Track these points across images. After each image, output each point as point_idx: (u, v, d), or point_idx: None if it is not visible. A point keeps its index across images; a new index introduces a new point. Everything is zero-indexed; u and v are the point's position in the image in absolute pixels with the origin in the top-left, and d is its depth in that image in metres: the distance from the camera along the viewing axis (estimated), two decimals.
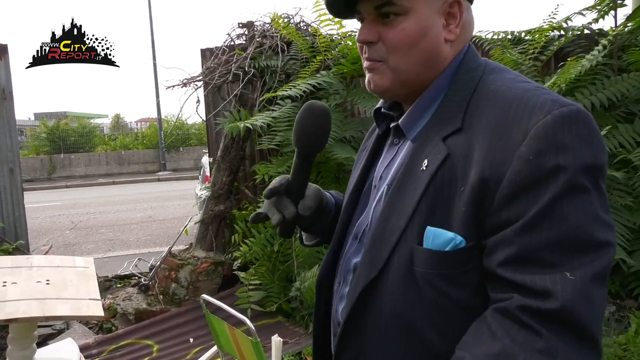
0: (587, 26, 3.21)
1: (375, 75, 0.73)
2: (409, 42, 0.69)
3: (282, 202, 0.81)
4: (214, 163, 3.30)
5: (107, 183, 13.98)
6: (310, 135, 0.79)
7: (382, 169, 0.78)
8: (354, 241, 0.78)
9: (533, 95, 0.63)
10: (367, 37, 0.72)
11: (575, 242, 0.56)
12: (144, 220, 7.56)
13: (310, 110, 0.79)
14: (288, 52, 3.26)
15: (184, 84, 3.21)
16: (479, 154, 0.61)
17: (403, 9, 0.69)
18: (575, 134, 0.58)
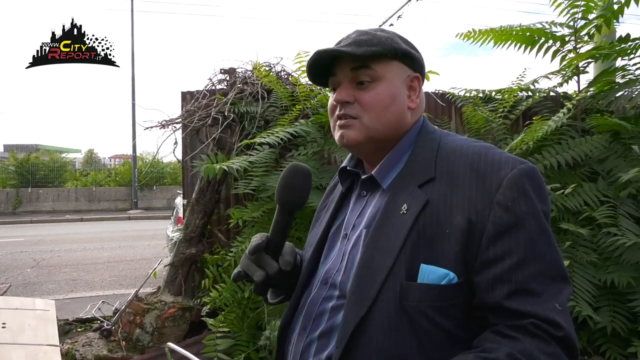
0: (553, 89, 3.41)
1: (349, 130, 0.83)
2: (382, 104, 0.81)
3: (262, 259, 0.84)
4: (188, 205, 3.27)
5: (75, 220, 13.57)
6: (293, 193, 0.85)
7: (353, 219, 0.85)
8: (323, 286, 0.83)
9: (492, 152, 0.77)
10: (344, 97, 0.82)
11: (552, 273, 0.70)
12: (110, 260, 7.31)
13: (295, 170, 0.86)
14: (268, 99, 3.33)
15: (162, 126, 3.22)
16: (460, 201, 0.72)
17: (377, 76, 0.81)
18: (534, 185, 0.73)
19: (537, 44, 3.28)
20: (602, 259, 2.51)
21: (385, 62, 0.82)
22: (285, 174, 0.86)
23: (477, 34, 3.33)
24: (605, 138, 2.84)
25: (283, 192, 0.85)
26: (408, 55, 0.84)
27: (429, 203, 0.74)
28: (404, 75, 0.84)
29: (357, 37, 0.83)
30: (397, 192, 0.79)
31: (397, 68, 0.83)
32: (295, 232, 2.87)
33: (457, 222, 0.71)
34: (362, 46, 0.80)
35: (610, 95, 3.02)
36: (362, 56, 0.80)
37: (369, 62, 0.81)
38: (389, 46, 0.81)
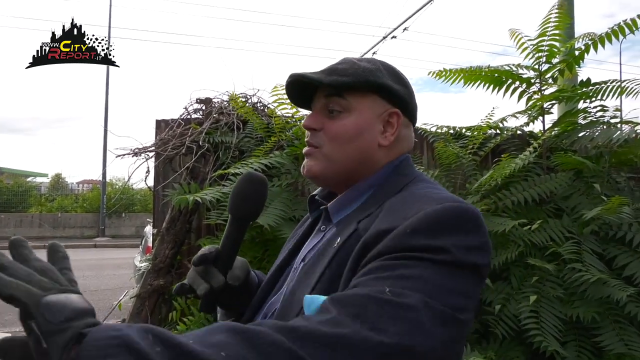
0: (520, 128, 3.54)
1: (310, 160, 0.80)
2: (346, 136, 0.78)
3: (209, 272, 0.79)
4: (158, 234, 3.20)
5: (38, 247, 12.76)
6: (246, 201, 0.81)
7: (305, 252, 0.81)
8: (262, 319, 0.78)
9: (438, 193, 0.70)
10: (311, 123, 0.80)
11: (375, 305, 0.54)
12: None
13: (249, 179, 0.83)
14: (243, 130, 3.35)
15: (135, 154, 3.19)
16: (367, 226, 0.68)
17: (348, 106, 0.78)
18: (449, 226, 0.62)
19: (504, 84, 3.42)
20: (567, 294, 2.57)
21: (361, 94, 0.78)
22: (238, 182, 0.83)
23: (448, 74, 3.45)
24: (569, 176, 2.95)
25: (234, 202, 0.81)
26: (386, 89, 0.79)
27: (354, 232, 0.70)
28: (380, 109, 0.79)
29: (334, 65, 0.81)
30: (342, 228, 0.75)
31: (372, 102, 0.79)
32: (267, 265, 2.84)
33: (355, 250, 0.66)
34: (332, 75, 0.78)
35: (573, 135, 3.16)
36: (329, 85, 0.78)
37: (342, 91, 0.78)
38: (363, 78, 0.78)
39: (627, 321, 2.48)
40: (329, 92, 0.79)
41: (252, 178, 0.83)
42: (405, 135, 0.83)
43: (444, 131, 3.62)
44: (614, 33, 2.86)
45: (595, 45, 2.96)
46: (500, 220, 2.64)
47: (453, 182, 3.32)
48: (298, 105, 0.88)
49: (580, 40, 3.09)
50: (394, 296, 0.54)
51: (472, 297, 0.61)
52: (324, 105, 0.80)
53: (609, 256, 2.64)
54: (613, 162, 3.11)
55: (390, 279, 0.56)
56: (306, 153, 0.81)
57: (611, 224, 2.72)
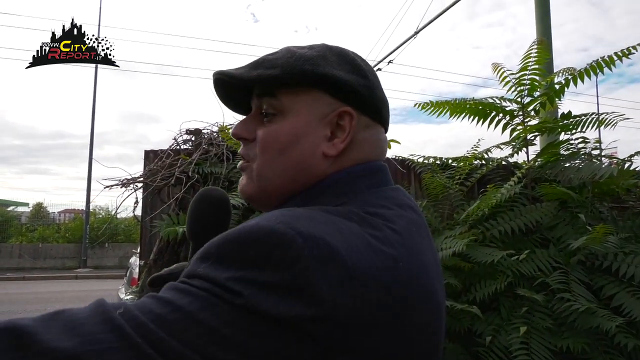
0: (505, 159, 3.62)
1: (244, 178, 0.66)
2: (277, 147, 0.61)
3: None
4: (145, 266, 3.16)
5: (17, 278, 12.70)
6: (201, 222, 0.71)
7: None
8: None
9: (282, 213, 0.51)
10: (239, 131, 0.64)
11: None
12: None
13: (203, 197, 0.72)
14: (233, 161, 3.36)
15: (123, 184, 3.17)
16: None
17: (281, 108, 0.61)
18: (232, 248, 0.47)
19: (488, 117, 3.52)
20: (557, 324, 2.57)
21: (297, 90, 0.61)
22: (195, 202, 0.73)
23: (434, 106, 3.54)
24: (554, 206, 3.01)
25: (190, 222, 0.72)
26: (332, 82, 0.61)
27: None
28: (324, 109, 0.61)
29: (265, 56, 0.64)
30: None
31: (313, 99, 0.61)
32: None
33: None
34: (257, 68, 0.61)
35: (557, 167, 3.24)
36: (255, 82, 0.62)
37: (274, 89, 0.61)
38: (297, 69, 0.60)
39: (617, 352, 2.49)
40: (260, 91, 0.63)
41: (207, 195, 0.73)
42: (365, 139, 0.64)
43: (430, 162, 3.69)
44: (592, 69, 2.98)
45: (575, 80, 3.07)
46: (488, 250, 2.67)
47: (441, 212, 3.36)
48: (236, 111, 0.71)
49: (561, 74, 3.21)
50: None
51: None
52: (257, 108, 0.64)
53: (596, 286, 2.68)
54: (595, 192, 3.19)
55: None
56: (240, 168, 0.66)
57: (597, 253, 2.76)
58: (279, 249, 0.46)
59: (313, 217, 0.51)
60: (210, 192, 0.73)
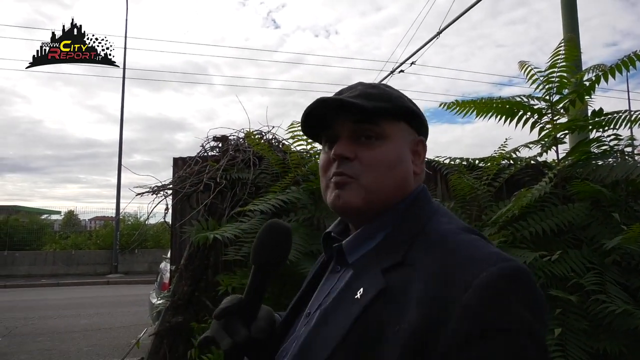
0: (533, 158, 3.55)
1: (346, 192, 0.73)
2: (388, 164, 0.72)
3: (232, 324, 0.75)
4: (176, 271, 3.22)
5: (51, 284, 13.10)
6: (268, 252, 0.78)
7: (321, 297, 0.75)
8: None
9: (473, 245, 0.63)
10: (345, 152, 0.73)
11: None
12: (87, 328, 7.01)
13: (271, 228, 0.80)
14: (259, 166, 3.40)
15: (154, 191, 3.24)
16: (420, 296, 0.59)
17: (383, 133, 0.73)
18: (516, 290, 0.57)
19: (516, 115, 3.46)
20: (592, 326, 2.51)
21: (393, 120, 0.75)
22: (262, 232, 0.80)
23: (460, 105, 3.50)
24: (586, 205, 2.94)
25: (258, 251, 0.78)
26: (416, 117, 0.77)
27: (386, 291, 0.63)
28: (409, 137, 0.77)
29: (364, 90, 0.75)
30: (360, 272, 0.69)
31: (403, 129, 0.76)
32: (284, 300, 2.83)
33: (411, 320, 0.58)
34: (371, 100, 0.73)
35: (589, 165, 3.17)
36: (370, 110, 0.72)
37: (376, 117, 0.73)
38: (399, 104, 0.75)
39: None
40: (359, 118, 0.74)
41: (274, 227, 0.80)
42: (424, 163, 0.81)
43: (457, 163, 3.65)
44: (624, 64, 2.91)
45: (605, 77, 3.00)
46: (520, 252, 2.62)
47: (469, 214, 3.32)
48: (307, 133, 0.83)
49: (591, 71, 3.14)
50: None
51: None
52: (353, 133, 0.74)
53: (633, 287, 2.60)
54: (630, 190, 3.10)
55: None
56: (340, 183, 0.73)
57: (633, 253, 2.69)
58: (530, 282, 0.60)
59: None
60: (279, 224, 0.81)
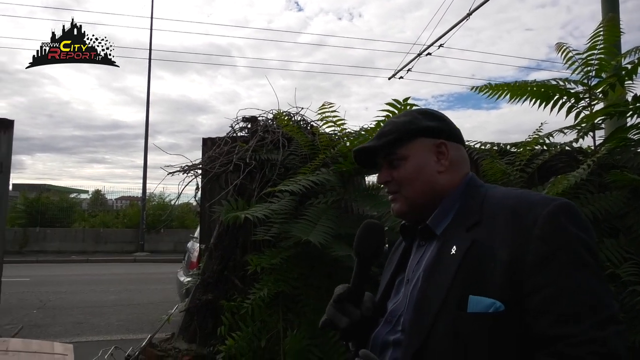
0: (568, 144, 3.45)
1: (395, 204, 1.01)
2: (410, 177, 0.98)
3: (345, 307, 0.94)
4: (206, 250, 3.27)
5: (81, 260, 13.52)
6: (368, 246, 0.97)
7: (413, 265, 0.96)
8: (386, 324, 0.94)
9: (530, 194, 0.89)
10: (381, 179, 1.03)
11: (591, 303, 0.75)
12: (117, 303, 7.23)
13: (369, 227, 0.99)
14: (288, 148, 3.40)
15: (184, 171, 3.28)
16: (502, 239, 0.81)
17: (402, 156, 0.99)
18: (570, 218, 0.81)
19: (551, 99, 3.35)
20: (629, 317, 2.45)
21: (407, 142, 0.98)
22: (361, 229, 0.99)
23: (492, 88, 3.42)
24: (624, 194, 2.85)
25: (359, 246, 0.97)
26: (426, 130, 0.99)
27: (475, 243, 0.84)
28: (428, 145, 0.98)
29: (381, 130, 1.04)
30: (448, 237, 0.89)
31: (419, 144, 0.98)
32: (313, 281, 2.85)
33: (501, 256, 0.79)
34: (381, 138, 1.01)
35: (627, 152, 3.06)
36: (382, 147, 1.00)
37: (394, 147, 0.99)
38: (405, 130, 0.99)
39: None
40: (386, 151, 1.01)
41: (371, 226, 0.99)
42: (458, 156, 1.01)
43: (487, 148, 3.58)
44: None
45: None
46: None
47: None
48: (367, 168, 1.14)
49: (633, 53, 3.01)
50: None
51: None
52: (386, 161, 1.02)
53: None
54: None
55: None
56: (391, 200, 1.02)
57: None
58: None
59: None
60: (374, 223, 1.00)
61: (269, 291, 2.67)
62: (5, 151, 4.02)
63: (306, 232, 2.49)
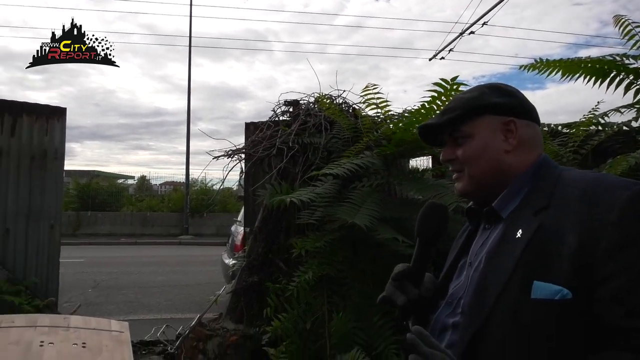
0: (626, 123, 3.27)
1: (459, 182, 0.97)
2: (475, 156, 0.93)
3: (404, 285, 0.93)
4: (250, 233, 3.33)
5: (130, 243, 14.09)
6: (430, 227, 0.94)
7: (476, 248, 0.93)
8: (446, 307, 0.92)
9: (607, 177, 0.85)
10: (445, 157, 0.99)
11: None
12: (165, 284, 7.51)
13: (432, 207, 0.96)
14: (331, 131, 3.38)
15: (229, 155, 3.33)
16: (573, 223, 0.76)
17: (467, 133, 0.94)
18: None
19: (608, 76, 3.17)
20: None
21: (473, 119, 0.93)
22: (424, 210, 0.96)
23: (544, 65, 3.27)
24: None
25: (422, 226, 0.94)
26: (494, 107, 0.93)
27: (542, 227, 0.79)
28: (496, 123, 0.92)
29: (446, 105, 0.99)
30: (514, 220, 0.85)
31: (486, 121, 0.93)
32: (358, 264, 2.85)
33: (570, 242, 0.74)
34: (445, 114, 0.96)
35: None
36: (446, 124, 0.96)
37: (458, 124, 0.95)
38: (471, 107, 0.94)
39: None
40: (450, 128, 0.97)
41: (434, 207, 0.96)
42: (530, 134, 0.94)
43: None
44: None
45: None
46: None
47: None
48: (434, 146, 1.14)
49: None
50: None
51: None
52: (450, 139, 0.98)
53: None
54: None
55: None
56: (455, 178, 0.98)
57: None
58: None
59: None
60: (437, 204, 0.97)
61: (314, 274, 2.69)
62: (59, 138, 4.21)
63: (351, 215, 2.48)
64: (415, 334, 0.79)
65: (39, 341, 2.09)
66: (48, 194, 4.12)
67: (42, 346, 2.05)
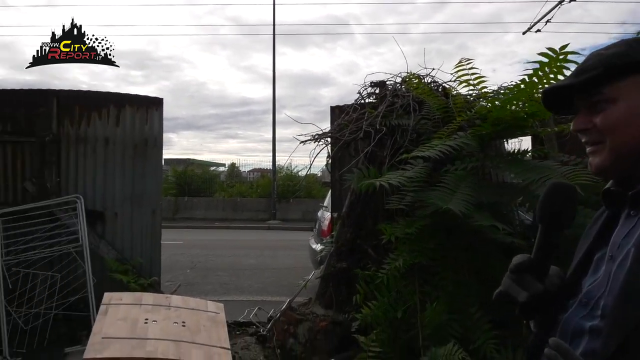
0: None
1: (595, 157, 0.79)
2: (621, 124, 0.75)
3: (525, 279, 0.81)
4: (338, 218, 3.29)
5: (223, 227, 14.85)
6: (555, 212, 0.81)
7: (619, 239, 0.77)
8: (581, 307, 0.78)
9: None
10: (579, 126, 0.82)
11: None
12: (256, 267, 7.80)
13: (557, 188, 0.83)
14: (419, 112, 3.22)
15: (315, 139, 3.31)
16: None
17: (610, 97, 0.77)
18: None
19: None
20: None
21: (616, 80, 0.76)
22: (547, 191, 0.83)
23: None
24: None
25: (543, 210, 0.81)
26: None
27: None
28: None
29: (581, 64, 0.82)
30: None
31: (634, 82, 0.75)
32: (449, 252, 2.70)
33: None
34: (582, 74, 0.79)
35: None
36: (583, 85, 0.79)
37: (595, 87, 0.78)
38: (614, 65, 0.76)
39: None
40: (587, 91, 0.79)
41: (559, 188, 0.83)
42: None
43: None
44: None
45: None
46: None
47: None
48: (558, 113, 0.93)
49: None
50: None
51: None
52: (586, 104, 0.80)
53: None
54: None
55: None
56: (589, 152, 0.81)
57: None
58: None
59: None
60: (562, 184, 0.84)
61: (405, 262, 2.59)
62: (157, 127, 4.47)
63: (445, 200, 2.33)
64: (553, 347, 0.67)
65: (144, 318, 2.22)
66: (149, 180, 4.41)
67: (147, 323, 2.17)
